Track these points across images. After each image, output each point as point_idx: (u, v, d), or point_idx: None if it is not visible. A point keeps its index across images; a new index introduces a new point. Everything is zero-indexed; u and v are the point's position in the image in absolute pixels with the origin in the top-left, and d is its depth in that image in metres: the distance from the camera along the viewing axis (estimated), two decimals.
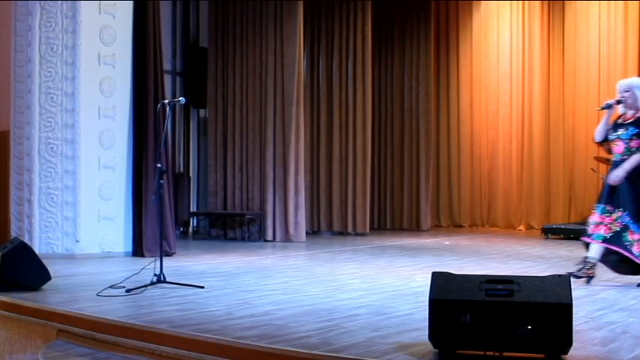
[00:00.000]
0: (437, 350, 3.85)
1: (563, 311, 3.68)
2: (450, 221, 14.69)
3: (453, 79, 14.78)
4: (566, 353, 3.72)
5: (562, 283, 3.80)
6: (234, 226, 11.99)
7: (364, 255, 9.42)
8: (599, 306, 5.46)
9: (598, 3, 13.01)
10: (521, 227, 13.76)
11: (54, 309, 5.37)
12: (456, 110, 14.70)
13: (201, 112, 13.30)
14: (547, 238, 11.81)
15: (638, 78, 6.92)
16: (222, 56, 12.33)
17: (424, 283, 6.29)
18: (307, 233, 11.69)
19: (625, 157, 6.47)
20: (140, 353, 4.58)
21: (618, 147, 6.55)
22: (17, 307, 5.67)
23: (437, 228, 14.39)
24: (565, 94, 13.49)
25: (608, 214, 6.47)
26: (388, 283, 6.78)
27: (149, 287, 6.19)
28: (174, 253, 9.09)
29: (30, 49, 8.93)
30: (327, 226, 12.62)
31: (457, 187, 14.64)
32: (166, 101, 7.17)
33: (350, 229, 12.41)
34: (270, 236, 11.50)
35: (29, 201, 8.87)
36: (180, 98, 7.22)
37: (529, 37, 13.82)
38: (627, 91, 6.56)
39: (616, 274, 6.67)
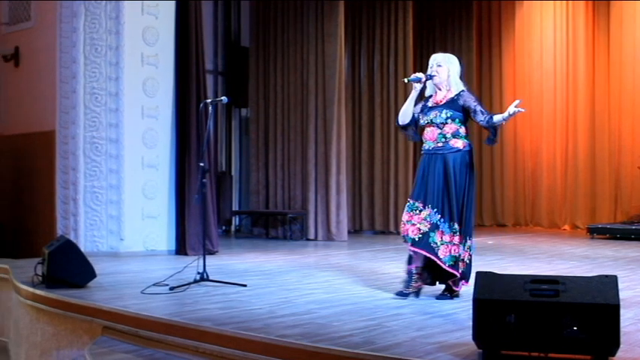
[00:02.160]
0: (481, 351, 3.81)
1: (610, 312, 3.61)
2: (493, 220, 14.54)
3: (495, 77, 14.64)
4: (613, 355, 3.65)
5: (609, 283, 3.73)
6: (276, 224, 12.02)
7: (406, 254, 9.34)
8: None
9: None
10: (566, 227, 13.56)
11: (99, 306, 5.44)
12: (499, 108, 14.53)
13: (243, 111, 13.37)
14: (592, 238, 11.63)
15: (453, 55, 5.93)
16: (263, 55, 12.37)
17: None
18: (349, 232, 11.67)
19: (439, 144, 5.68)
20: (183, 350, 4.62)
21: (431, 133, 5.75)
22: (64, 304, 5.76)
23: (480, 227, 14.24)
24: (611, 92, 13.27)
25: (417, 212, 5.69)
26: None
27: (192, 285, 6.24)
28: (216, 252, 9.14)
29: (75, 51, 9.06)
30: (369, 225, 12.59)
31: (500, 186, 14.50)
32: (209, 100, 7.21)
33: (392, 228, 12.35)
34: (312, 235, 11.51)
35: (75, 200, 8.99)
36: (222, 97, 7.25)
37: (573, 36, 13.61)
38: (441, 66, 5.75)
39: None
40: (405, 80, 5.88)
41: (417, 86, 5.78)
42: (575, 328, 3.61)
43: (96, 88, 9.02)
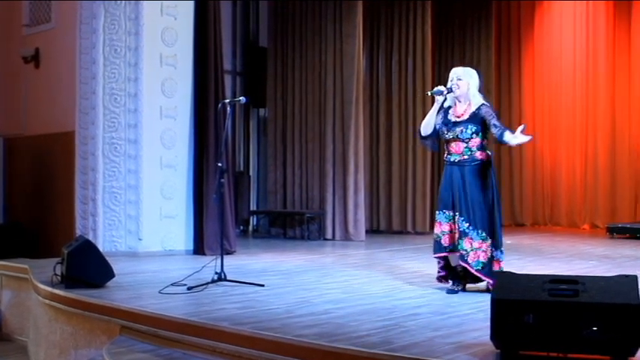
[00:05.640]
0: (499, 351, 3.79)
1: (631, 312, 3.57)
2: (512, 220, 14.46)
3: (514, 77, 14.57)
4: (633, 355, 3.61)
5: (629, 283, 3.70)
6: (293, 224, 12.03)
7: (424, 254, 9.32)
8: None
9: None
10: (586, 226, 13.47)
11: (117, 306, 5.47)
12: (518, 108, 14.49)
13: (261, 111, 13.39)
14: (612, 238, 11.54)
15: (472, 69, 6.20)
16: (281, 56, 12.38)
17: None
18: (367, 232, 11.65)
19: (465, 157, 5.96)
20: (201, 350, 4.63)
21: (457, 147, 6.01)
22: (82, 303, 5.79)
23: None
24: (632, 92, 13.16)
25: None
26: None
27: (210, 285, 6.24)
28: (234, 252, 9.15)
29: (94, 51, 9.10)
30: (387, 224, 12.55)
31: (519, 185, 14.43)
32: (227, 101, 7.23)
33: (410, 228, 12.32)
34: (329, 235, 11.50)
35: (94, 200, 9.04)
36: (240, 98, 7.26)
37: (593, 36, 13.52)
38: (461, 80, 6.00)
39: None
40: (428, 93, 6.19)
41: (439, 99, 6.05)
42: (594, 328, 3.59)
43: (115, 89, 9.06)
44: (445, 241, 6.03)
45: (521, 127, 5.77)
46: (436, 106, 6.09)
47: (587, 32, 13.60)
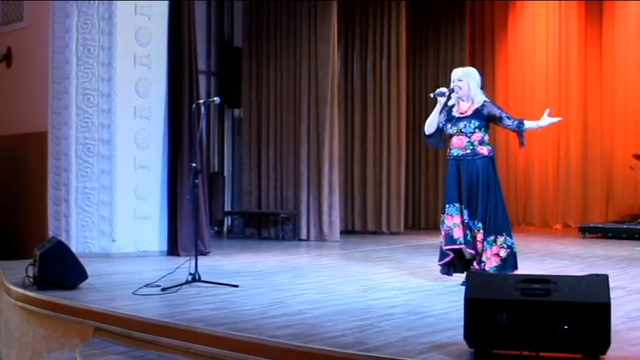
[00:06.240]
0: (472, 350, 3.82)
1: (601, 311, 3.62)
2: None
3: (488, 77, 14.59)
4: (604, 353, 3.66)
5: (600, 282, 3.74)
6: (268, 225, 12.02)
7: (399, 254, 9.39)
8: (638, 306, 5.38)
9: (637, 2, 12.81)
10: (558, 226, 13.60)
11: (91, 307, 5.43)
12: None
13: (236, 111, 13.35)
14: (584, 237, 11.66)
15: (472, 68, 6.62)
16: (256, 56, 12.37)
17: (459, 283, 6.28)
18: (341, 232, 11.67)
19: (467, 151, 6.27)
20: (175, 352, 4.62)
21: (459, 141, 6.31)
22: (55, 305, 5.74)
23: None
24: (603, 92, 13.31)
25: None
26: (423, 282, 6.75)
27: (184, 286, 6.23)
28: (209, 252, 9.13)
29: (67, 51, 9.03)
30: (362, 225, 12.58)
31: None
32: (201, 101, 7.21)
33: (384, 229, 12.36)
34: (304, 235, 11.51)
35: (66, 201, 8.97)
36: (214, 98, 7.25)
37: (565, 36, 13.64)
38: (461, 80, 6.34)
39: None
40: (431, 95, 6.51)
41: (441, 100, 6.39)
42: (566, 327, 3.62)
43: (88, 89, 9.00)
44: (457, 233, 6.27)
45: (547, 111, 6.28)
46: (439, 107, 6.41)
47: (559, 33, 13.72)
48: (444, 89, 6.40)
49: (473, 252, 6.25)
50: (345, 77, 12.71)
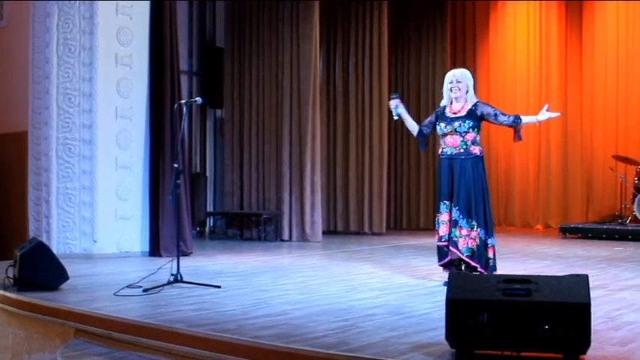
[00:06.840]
0: (454, 350, 3.83)
1: (581, 311, 3.65)
2: None
3: None
4: (584, 353, 3.69)
5: (580, 282, 3.77)
6: (250, 225, 12.00)
7: (381, 255, 9.40)
8: (618, 306, 5.41)
9: (616, 3, 12.93)
10: (539, 226, 13.68)
11: (72, 308, 5.40)
12: None
13: (218, 112, 13.32)
14: (565, 238, 11.74)
15: (467, 70, 6.78)
16: (238, 56, 12.35)
17: (441, 283, 6.31)
18: (323, 233, 11.68)
19: (460, 150, 6.42)
20: (157, 352, 4.60)
21: (453, 140, 6.45)
22: (35, 306, 5.71)
23: None
24: (583, 93, 13.41)
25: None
26: (405, 282, 6.76)
27: (166, 287, 6.21)
28: (190, 253, 9.10)
29: (48, 51, 8.97)
30: (344, 225, 12.60)
31: None
32: (183, 101, 7.19)
33: (366, 229, 12.38)
34: (286, 236, 11.51)
35: (47, 201, 8.91)
36: (196, 98, 7.23)
37: (546, 37, 13.73)
38: (460, 82, 6.51)
39: None
40: (395, 118, 6.74)
41: (401, 109, 6.67)
42: (546, 327, 3.65)
43: (69, 89, 8.95)
44: (443, 230, 6.43)
45: (546, 106, 6.50)
46: (404, 115, 6.71)
47: (540, 33, 13.79)
48: (394, 100, 6.69)
49: (455, 250, 6.33)
50: (327, 77, 12.73)
